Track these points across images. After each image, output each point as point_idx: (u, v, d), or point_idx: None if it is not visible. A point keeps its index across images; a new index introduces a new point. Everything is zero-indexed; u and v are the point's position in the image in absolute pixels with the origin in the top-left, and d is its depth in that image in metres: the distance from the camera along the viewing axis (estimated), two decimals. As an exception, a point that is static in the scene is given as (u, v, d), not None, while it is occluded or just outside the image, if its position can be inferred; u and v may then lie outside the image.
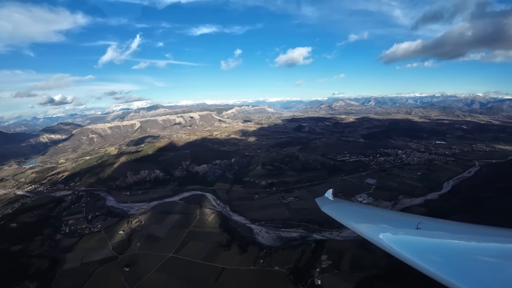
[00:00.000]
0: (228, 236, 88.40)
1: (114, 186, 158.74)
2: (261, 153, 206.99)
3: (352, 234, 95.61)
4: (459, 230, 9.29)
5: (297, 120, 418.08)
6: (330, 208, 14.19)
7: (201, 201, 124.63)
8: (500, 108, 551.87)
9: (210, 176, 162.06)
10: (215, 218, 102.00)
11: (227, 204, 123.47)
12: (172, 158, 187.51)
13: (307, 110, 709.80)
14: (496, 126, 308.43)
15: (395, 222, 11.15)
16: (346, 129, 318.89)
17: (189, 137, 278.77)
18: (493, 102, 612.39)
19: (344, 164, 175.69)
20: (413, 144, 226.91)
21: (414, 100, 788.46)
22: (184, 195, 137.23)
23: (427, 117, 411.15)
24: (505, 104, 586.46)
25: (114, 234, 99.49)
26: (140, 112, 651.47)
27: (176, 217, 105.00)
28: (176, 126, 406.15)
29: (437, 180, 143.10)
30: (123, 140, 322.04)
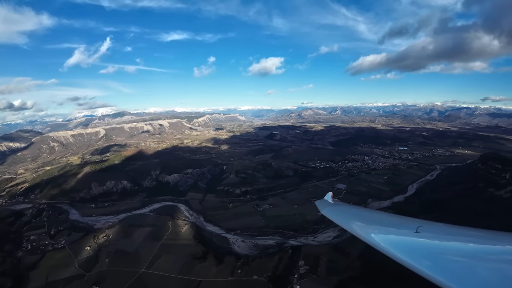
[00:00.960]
0: (203, 248, 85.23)
1: (78, 198, 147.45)
2: (234, 161, 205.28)
3: (326, 238, 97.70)
4: (458, 234, 9.35)
5: (269, 128, 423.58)
6: (329, 211, 14.18)
7: (173, 212, 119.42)
8: (458, 115, 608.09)
9: (181, 186, 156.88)
10: (189, 230, 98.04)
11: (200, 214, 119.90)
12: (141, 167, 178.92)
13: (278, 118, 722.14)
14: (455, 133, 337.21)
15: (394, 226, 11.16)
16: (316, 137, 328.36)
17: (158, 145, 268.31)
18: (451, 110, 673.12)
19: (315, 171, 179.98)
20: (378, 150, 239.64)
21: (377, 109, 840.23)
22: (155, 207, 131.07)
23: (389, 125, 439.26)
24: (462, 112, 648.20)
25: (80, 250, 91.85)
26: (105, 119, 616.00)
27: (146, 230, 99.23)
28: (144, 134, 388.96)
29: (402, 183, 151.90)
30: (87, 149, 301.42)
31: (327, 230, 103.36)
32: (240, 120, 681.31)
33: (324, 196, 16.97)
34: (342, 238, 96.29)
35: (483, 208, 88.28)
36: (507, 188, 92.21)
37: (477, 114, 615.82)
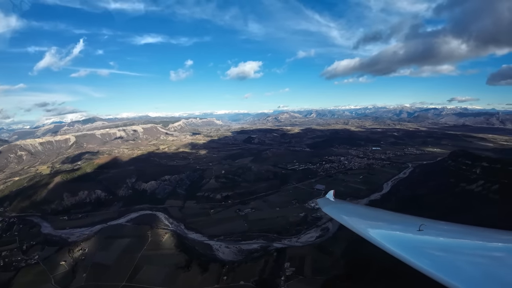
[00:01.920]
0: (186, 256, 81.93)
1: (50, 210, 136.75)
2: (213, 166, 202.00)
3: (309, 239, 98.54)
4: (461, 232, 9.45)
5: (246, 132, 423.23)
6: (331, 209, 14.26)
7: (151, 221, 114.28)
8: (426, 116, 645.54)
9: (159, 194, 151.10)
10: (170, 238, 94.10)
11: (181, 222, 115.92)
12: (115, 175, 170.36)
13: (255, 122, 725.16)
14: (424, 132, 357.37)
15: (396, 224, 11.24)
16: (293, 140, 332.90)
17: (133, 152, 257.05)
18: (419, 111, 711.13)
19: (294, 173, 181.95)
20: (353, 151, 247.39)
21: (350, 112, 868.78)
22: (132, 216, 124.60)
23: (362, 126, 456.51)
24: (430, 112, 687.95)
25: (55, 265, 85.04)
26: (74, 126, 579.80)
27: (125, 241, 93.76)
28: (117, 141, 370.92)
29: (378, 182, 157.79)
30: (57, 157, 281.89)
31: (309, 231, 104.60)
32: (217, 124, 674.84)
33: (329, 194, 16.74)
34: (324, 238, 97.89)
35: (456, 202, 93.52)
36: (478, 182, 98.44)
37: (444, 114, 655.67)
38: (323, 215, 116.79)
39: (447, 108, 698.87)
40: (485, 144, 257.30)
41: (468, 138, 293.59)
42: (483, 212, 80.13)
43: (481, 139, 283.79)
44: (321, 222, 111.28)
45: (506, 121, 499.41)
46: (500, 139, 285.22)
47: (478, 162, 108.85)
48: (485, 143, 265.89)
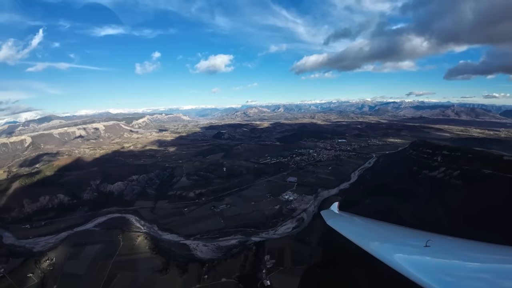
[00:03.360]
0: (163, 259, 78.26)
1: (10, 219, 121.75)
2: (184, 163, 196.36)
3: (286, 230, 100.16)
4: (470, 249, 9.17)
5: (215, 127, 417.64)
6: (336, 222, 14.14)
7: (122, 224, 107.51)
8: (386, 109, 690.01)
9: (128, 195, 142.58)
10: (143, 241, 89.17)
11: (154, 223, 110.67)
12: (78, 178, 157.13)
13: (223, 117, 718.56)
14: (385, 124, 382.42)
15: (403, 239, 11.09)
16: (263, 134, 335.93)
17: (95, 151, 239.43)
18: (380, 105, 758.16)
19: (267, 167, 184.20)
20: (320, 143, 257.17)
21: (316, 106, 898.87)
22: (100, 221, 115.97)
23: (328, 120, 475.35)
24: (390, 106, 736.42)
25: (23, 278, 76.10)
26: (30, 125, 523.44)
27: (95, 248, 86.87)
28: (77, 140, 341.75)
29: (345, 172, 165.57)
30: (13, 160, 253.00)
31: (285, 223, 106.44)
32: (184, 120, 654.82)
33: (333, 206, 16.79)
34: (301, 228, 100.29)
35: (420, 188, 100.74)
36: (439, 169, 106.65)
37: (403, 107, 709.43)
38: (297, 206, 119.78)
39: (405, 102, 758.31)
40: (442, 134, 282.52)
41: (426, 129, 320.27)
42: (446, 197, 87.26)
43: (438, 130, 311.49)
44: (296, 213, 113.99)
45: (460, 113, 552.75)
46: (455, 129, 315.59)
47: (439, 151, 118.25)
48: (442, 133, 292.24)
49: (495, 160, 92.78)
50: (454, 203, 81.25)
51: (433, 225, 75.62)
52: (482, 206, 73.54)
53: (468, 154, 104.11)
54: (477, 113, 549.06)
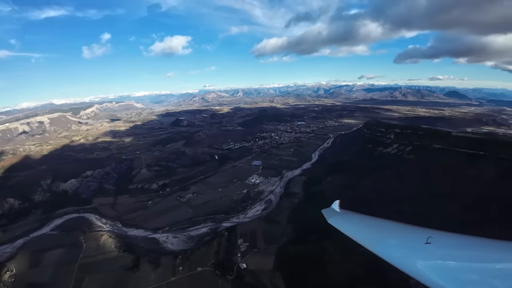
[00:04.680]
0: (132, 256, 74.53)
1: None
2: (142, 154, 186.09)
3: (256, 213, 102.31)
4: (471, 245, 9.10)
5: (173, 114, 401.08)
6: (337, 220, 14.17)
7: (81, 225, 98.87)
8: (340, 92, 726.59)
9: (84, 193, 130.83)
10: (108, 240, 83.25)
11: (116, 220, 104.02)
12: (26, 179, 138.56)
13: (180, 103, 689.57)
14: (339, 106, 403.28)
15: (404, 237, 11.09)
16: (224, 119, 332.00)
17: (42, 148, 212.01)
18: (334, 88, 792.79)
19: (231, 152, 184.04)
20: (281, 126, 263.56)
21: (274, 90, 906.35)
22: (57, 223, 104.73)
23: (286, 103, 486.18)
24: (343, 89, 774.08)
25: None
26: None
27: (56, 253, 78.51)
28: (21, 137, 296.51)
29: (306, 153, 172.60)
30: None
31: (254, 205, 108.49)
32: (137, 108, 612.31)
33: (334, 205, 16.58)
34: (270, 209, 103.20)
35: (376, 164, 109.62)
36: (393, 146, 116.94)
37: (355, 90, 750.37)
38: (264, 189, 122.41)
39: (357, 85, 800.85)
40: (391, 114, 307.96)
41: (377, 109, 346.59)
42: (400, 170, 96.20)
43: (388, 110, 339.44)
44: (264, 195, 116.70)
45: (407, 94, 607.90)
46: (403, 110, 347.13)
47: (391, 129, 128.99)
48: (391, 113, 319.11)
49: (444, 136, 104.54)
50: (408, 176, 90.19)
51: (390, 196, 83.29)
52: (434, 177, 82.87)
53: (419, 131, 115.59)
54: (422, 94, 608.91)
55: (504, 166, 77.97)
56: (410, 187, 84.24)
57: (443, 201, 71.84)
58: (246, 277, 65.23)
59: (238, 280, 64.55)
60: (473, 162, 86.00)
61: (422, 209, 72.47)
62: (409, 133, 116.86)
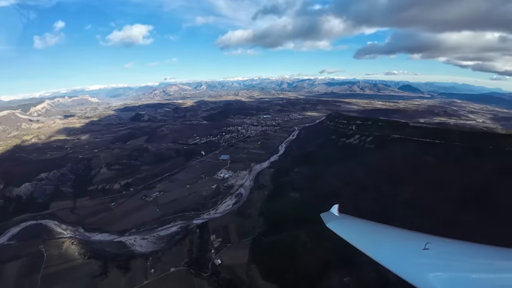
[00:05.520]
0: (99, 262, 70.14)
1: None
2: (100, 152, 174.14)
3: (227, 207, 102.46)
4: (470, 252, 8.83)
5: (132, 108, 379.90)
6: (335, 225, 14.10)
7: (40, 232, 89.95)
8: (302, 86, 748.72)
9: (39, 197, 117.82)
10: (71, 247, 77.06)
11: (78, 225, 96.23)
12: None
13: (140, 97, 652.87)
14: (302, 100, 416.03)
15: (402, 242, 10.92)
16: (188, 113, 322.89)
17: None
18: (297, 82, 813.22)
19: (197, 147, 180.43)
20: (247, 120, 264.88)
21: (238, 83, 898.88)
22: (13, 232, 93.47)
23: (251, 97, 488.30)
24: (305, 82, 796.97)
25: None
26: None
27: (16, 265, 70.21)
28: None
29: (273, 145, 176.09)
30: None
31: (225, 200, 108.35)
32: (93, 103, 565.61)
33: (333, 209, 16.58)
34: (240, 203, 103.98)
35: (340, 154, 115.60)
36: (355, 136, 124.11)
37: (317, 84, 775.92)
38: (234, 183, 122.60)
39: (318, 79, 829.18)
40: (351, 107, 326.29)
41: (337, 103, 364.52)
42: (362, 159, 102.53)
43: (347, 103, 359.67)
44: (234, 189, 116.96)
45: (365, 88, 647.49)
46: (362, 103, 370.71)
47: (353, 121, 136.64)
48: (351, 106, 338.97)
49: (402, 126, 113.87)
50: (370, 164, 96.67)
51: (355, 184, 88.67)
52: (394, 164, 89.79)
53: (378, 123, 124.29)
54: (379, 88, 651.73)
55: (458, 153, 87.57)
56: (372, 175, 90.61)
57: (403, 186, 78.65)
58: (222, 272, 65.24)
59: (214, 276, 64.24)
60: (430, 150, 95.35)
61: (385, 194, 78.48)
62: (369, 124, 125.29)
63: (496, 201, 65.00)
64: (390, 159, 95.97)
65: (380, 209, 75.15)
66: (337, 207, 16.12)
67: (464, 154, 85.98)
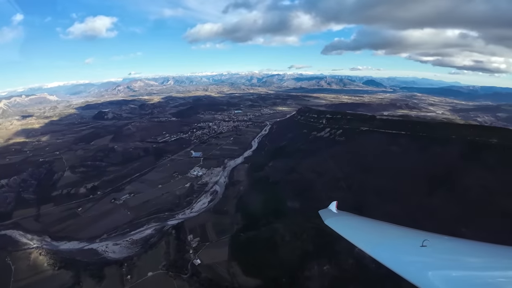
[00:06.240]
0: (71, 272, 65.77)
1: None
2: (63, 154, 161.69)
3: (202, 206, 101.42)
4: (467, 249, 9.04)
5: (95, 106, 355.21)
6: (333, 222, 14.21)
7: (4, 244, 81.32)
8: (272, 81, 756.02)
9: (0, 206, 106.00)
10: (39, 258, 70.89)
11: (44, 234, 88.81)
12: None
13: (103, 93, 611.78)
14: (273, 95, 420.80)
15: (400, 239, 11.08)
16: (155, 110, 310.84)
17: None
18: (267, 77, 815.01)
19: (167, 145, 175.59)
20: (218, 116, 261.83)
21: (207, 78, 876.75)
22: None
23: (221, 92, 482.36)
24: (275, 78, 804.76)
25: None
26: None
27: None
28: None
29: (246, 141, 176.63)
30: None
31: (200, 198, 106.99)
32: (52, 101, 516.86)
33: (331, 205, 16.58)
34: (216, 201, 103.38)
35: (312, 147, 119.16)
36: (325, 130, 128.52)
37: (286, 79, 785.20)
38: (208, 180, 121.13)
39: (287, 74, 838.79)
40: (319, 101, 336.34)
41: (306, 97, 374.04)
42: (334, 151, 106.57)
43: (316, 98, 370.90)
44: (209, 187, 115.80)
45: (332, 83, 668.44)
46: (329, 97, 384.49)
47: (323, 115, 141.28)
48: (319, 100, 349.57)
49: (370, 119, 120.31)
50: (341, 156, 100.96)
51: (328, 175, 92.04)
52: (364, 155, 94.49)
53: (347, 116, 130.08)
54: (345, 83, 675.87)
55: (422, 143, 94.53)
56: (344, 166, 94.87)
57: (373, 175, 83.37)
58: (203, 272, 64.64)
59: (194, 277, 63.45)
60: (396, 140, 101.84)
61: (356, 184, 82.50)
62: (339, 118, 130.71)
63: (459, 185, 71.63)
64: (360, 150, 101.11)
65: (353, 197, 79.12)
66: (335, 204, 16.17)
67: (429, 143, 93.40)
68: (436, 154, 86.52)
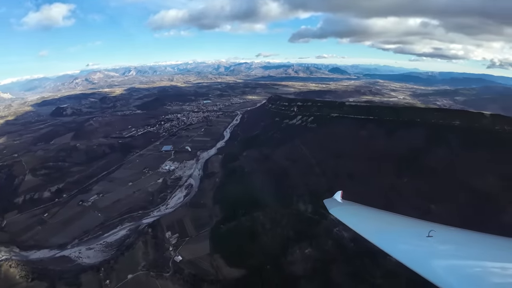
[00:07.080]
0: (45, 283, 61.54)
1: None
2: (21, 156, 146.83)
3: (178, 201, 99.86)
4: (472, 240, 8.96)
5: (52, 102, 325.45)
6: (338, 211, 14.26)
7: None
8: (240, 70, 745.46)
9: None
10: (9, 270, 64.47)
11: (11, 244, 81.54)
12: None
13: (59, 88, 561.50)
14: (241, 84, 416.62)
15: (405, 229, 11.04)
16: (118, 103, 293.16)
17: None
18: (234, 66, 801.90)
19: (134, 140, 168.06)
20: (186, 106, 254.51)
21: (172, 68, 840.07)
22: None
23: (188, 82, 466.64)
24: (243, 66, 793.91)
25: None
26: None
27: None
28: None
29: (218, 131, 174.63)
30: None
31: (175, 194, 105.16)
32: (5, 99, 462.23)
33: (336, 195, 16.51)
34: (192, 194, 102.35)
35: (285, 135, 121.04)
36: (297, 117, 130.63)
37: (254, 67, 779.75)
38: (182, 174, 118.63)
39: (255, 62, 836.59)
40: (288, 90, 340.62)
41: (275, 86, 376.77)
42: (306, 138, 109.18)
43: (284, 86, 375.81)
44: (183, 181, 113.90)
45: (299, 71, 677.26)
46: (297, 85, 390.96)
47: (294, 103, 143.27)
48: (288, 88, 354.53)
49: (339, 106, 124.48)
50: (314, 142, 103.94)
51: (302, 162, 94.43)
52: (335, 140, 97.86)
53: (318, 103, 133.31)
54: (311, 71, 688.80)
55: (389, 127, 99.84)
56: (316, 152, 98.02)
57: (345, 159, 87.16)
58: (185, 269, 64.00)
59: (177, 274, 62.66)
60: (365, 125, 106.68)
61: (329, 169, 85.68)
62: (309, 105, 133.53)
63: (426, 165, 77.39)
64: (331, 136, 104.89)
65: (327, 182, 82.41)
66: (340, 194, 16.17)
67: (395, 127, 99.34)
68: (403, 137, 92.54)
